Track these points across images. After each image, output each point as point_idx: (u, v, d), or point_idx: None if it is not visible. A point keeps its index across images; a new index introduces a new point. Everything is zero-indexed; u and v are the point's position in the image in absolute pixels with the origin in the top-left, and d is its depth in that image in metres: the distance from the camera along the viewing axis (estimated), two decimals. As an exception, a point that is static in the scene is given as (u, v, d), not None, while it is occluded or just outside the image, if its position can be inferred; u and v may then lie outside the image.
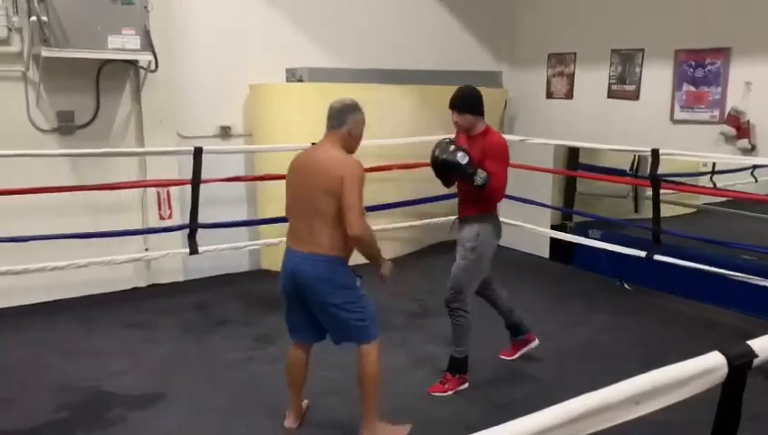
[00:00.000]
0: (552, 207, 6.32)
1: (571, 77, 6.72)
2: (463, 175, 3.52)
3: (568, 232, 6.18)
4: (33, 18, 4.54)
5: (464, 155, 3.48)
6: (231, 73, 5.75)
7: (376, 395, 3.13)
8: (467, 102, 3.63)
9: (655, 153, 4.83)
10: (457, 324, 3.70)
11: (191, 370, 4.03)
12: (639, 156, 5.92)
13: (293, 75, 5.91)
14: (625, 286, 5.69)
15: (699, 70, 5.56)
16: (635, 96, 6.11)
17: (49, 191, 4.61)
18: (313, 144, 3.32)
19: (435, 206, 6.12)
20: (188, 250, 5.04)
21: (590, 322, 4.93)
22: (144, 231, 5.34)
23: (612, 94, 6.33)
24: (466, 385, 3.78)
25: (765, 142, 5.18)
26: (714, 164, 6.08)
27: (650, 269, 5.20)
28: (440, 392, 3.72)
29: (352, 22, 6.34)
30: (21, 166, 4.70)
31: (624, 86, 6.21)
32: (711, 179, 6.24)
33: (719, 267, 4.61)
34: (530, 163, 5.69)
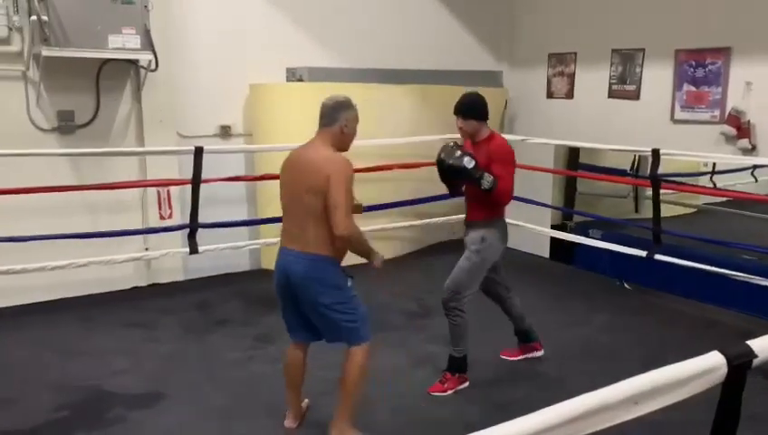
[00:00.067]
0: (553, 206, 6.32)
1: (572, 77, 6.71)
2: (470, 179, 3.55)
3: (568, 232, 6.19)
4: (33, 17, 4.54)
5: (470, 159, 3.50)
6: (231, 73, 5.75)
7: (352, 398, 3.09)
8: (472, 108, 3.66)
9: (655, 153, 4.84)
10: (454, 324, 3.70)
11: (191, 369, 4.03)
12: (640, 156, 5.93)
13: (294, 75, 5.91)
14: (625, 286, 5.69)
15: (700, 70, 5.55)
16: (635, 96, 6.11)
17: (49, 191, 4.62)
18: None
19: (434, 206, 6.13)
20: (188, 250, 5.06)
21: (591, 322, 4.93)
22: (144, 231, 5.34)
23: (613, 94, 6.32)
24: (467, 384, 3.79)
25: (765, 142, 5.18)
26: (714, 164, 6.08)
27: (651, 269, 5.20)
28: (440, 392, 3.72)
29: (352, 21, 6.34)
30: (21, 165, 4.71)
31: (624, 86, 6.20)
32: (711, 179, 6.25)
33: (719, 267, 4.62)
34: (530, 163, 5.68)
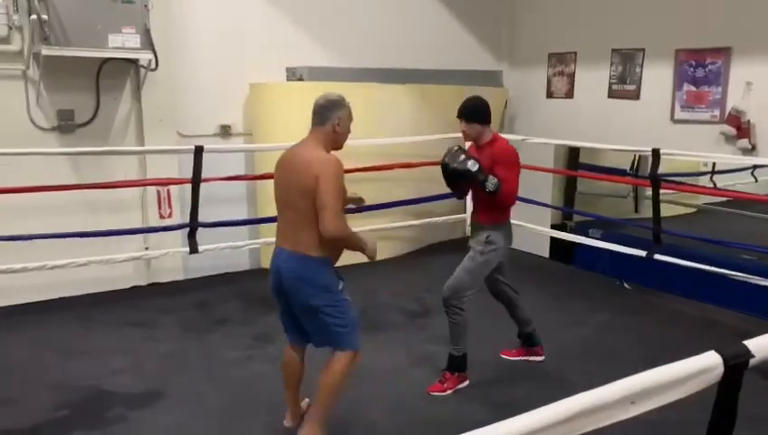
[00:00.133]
0: (553, 206, 6.32)
1: (572, 77, 6.71)
2: (474, 182, 3.57)
3: (568, 232, 6.18)
4: (33, 17, 4.55)
5: (474, 162, 3.53)
6: (231, 72, 5.75)
7: (326, 405, 3.03)
8: (475, 112, 3.68)
9: (655, 153, 4.84)
10: (454, 322, 3.71)
11: (191, 369, 4.03)
12: (640, 156, 5.92)
13: (294, 74, 5.91)
14: (625, 286, 5.69)
15: (700, 69, 5.55)
16: (635, 96, 6.11)
17: (49, 190, 4.62)
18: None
19: (435, 205, 6.13)
20: (188, 249, 5.07)
21: (590, 322, 4.92)
22: (144, 230, 5.34)
23: (613, 94, 6.32)
24: (467, 383, 3.79)
25: (765, 142, 5.18)
26: (714, 164, 6.08)
27: (650, 269, 5.20)
28: (439, 392, 3.72)
29: (352, 21, 6.34)
30: (21, 164, 4.71)
31: (624, 86, 6.20)
32: (711, 179, 6.24)
33: (719, 267, 4.62)
34: (530, 163, 5.66)
